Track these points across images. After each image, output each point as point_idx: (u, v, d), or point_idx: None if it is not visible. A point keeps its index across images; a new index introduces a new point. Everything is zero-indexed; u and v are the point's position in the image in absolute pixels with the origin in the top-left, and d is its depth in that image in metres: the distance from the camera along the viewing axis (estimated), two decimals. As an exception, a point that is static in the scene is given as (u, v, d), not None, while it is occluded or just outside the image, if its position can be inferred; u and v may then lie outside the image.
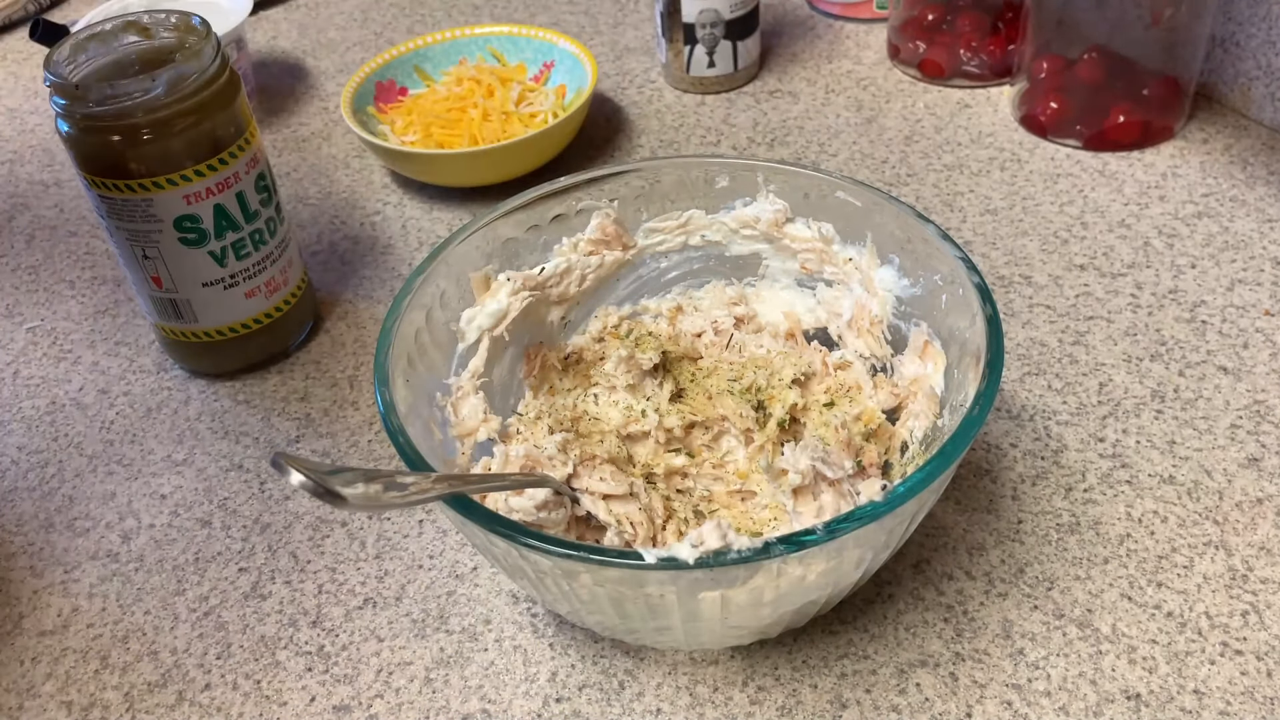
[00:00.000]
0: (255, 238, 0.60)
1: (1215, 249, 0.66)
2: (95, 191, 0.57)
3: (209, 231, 0.58)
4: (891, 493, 0.38)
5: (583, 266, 0.56)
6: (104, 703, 0.48)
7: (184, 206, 0.57)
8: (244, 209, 0.59)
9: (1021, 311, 0.63)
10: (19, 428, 0.63)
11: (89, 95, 0.54)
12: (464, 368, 0.51)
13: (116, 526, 0.56)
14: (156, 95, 0.54)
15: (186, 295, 0.60)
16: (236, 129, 0.58)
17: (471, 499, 0.40)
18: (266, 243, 0.61)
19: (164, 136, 0.55)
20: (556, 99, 0.80)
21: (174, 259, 0.58)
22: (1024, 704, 0.45)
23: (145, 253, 0.58)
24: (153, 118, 0.54)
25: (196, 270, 0.59)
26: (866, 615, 0.49)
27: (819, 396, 0.53)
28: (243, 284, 0.61)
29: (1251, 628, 0.47)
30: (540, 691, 0.47)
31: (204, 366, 0.64)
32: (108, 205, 0.57)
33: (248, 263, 0.60)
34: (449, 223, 0.75)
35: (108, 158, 0.55)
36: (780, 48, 0.91)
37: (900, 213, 0.51)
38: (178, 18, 0.59)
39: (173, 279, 0.59)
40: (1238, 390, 0.57)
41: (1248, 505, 0.52)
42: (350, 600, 0.51)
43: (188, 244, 0.58)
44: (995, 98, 0.82)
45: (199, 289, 0.60)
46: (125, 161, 0.55)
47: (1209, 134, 0.76)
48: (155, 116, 0.54)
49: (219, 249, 0.59)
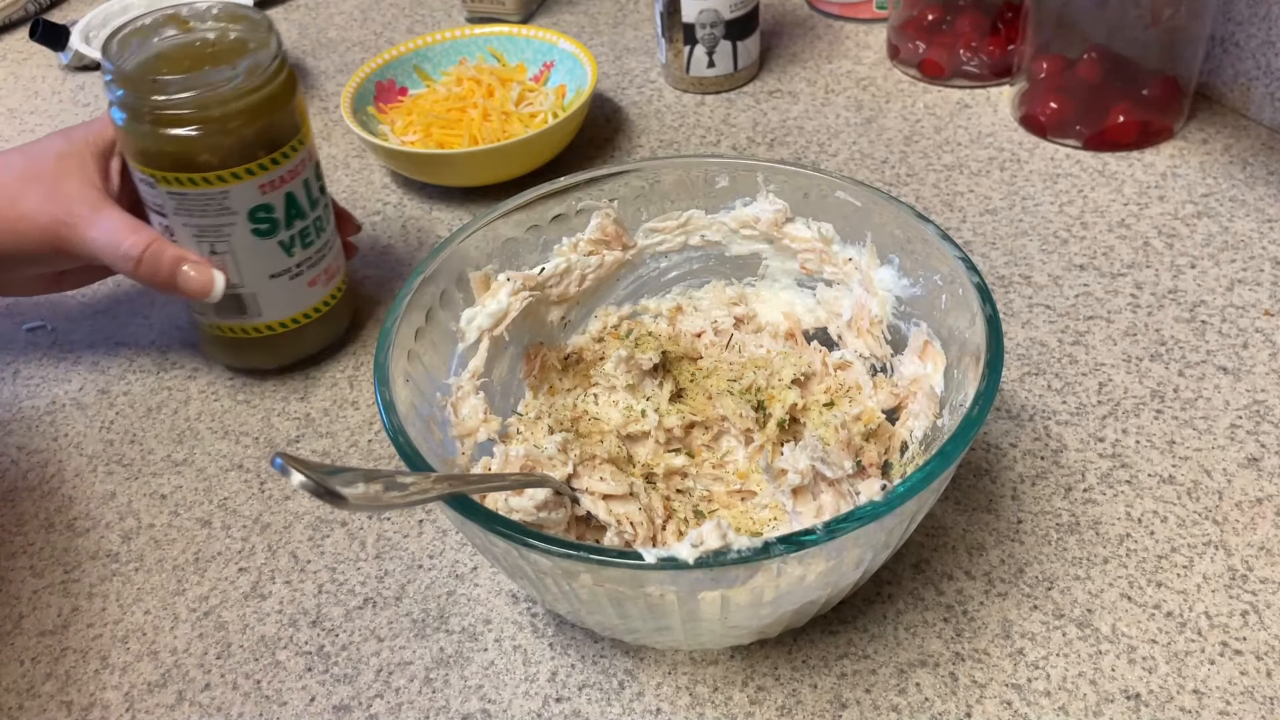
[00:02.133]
0: (317, 224, 0.60)
1: (1215, 249, 0.66)
2: (163, 188, 0.55)
3: (280, 221, 0.57)
4: (891, 493, 0.38)
5: (583, 266, 0.56)
6: (104, 703, 0.48)
7: (259, 196, 0.56)
8: (308, 195, 0.59)
9: (1021, 311, 0.63)
10: (19, 428, 0.63)
11: (166, 88, 0.53)
12: (464, 368, 0.51)
13: (116, 526, 0.56)
14: (238, 84, 0.53)
15: (254, 289, 0.59)
16: (299, 116, 0.58)
17: (471, 499, 0.40)
18: (325, 229, 0.61)
19: (245, 126, 0.54)
20: (556, 99, 0.80)
21: (245, 252, 0.58)
22: (1024, 704, 0.45)
23: (214, 248, 0.57)
24: (233, 107, 0.54)
25: (266, 262, 0.58)
26: (866, 615, 0.49)
27: (819, 396, 0.53)
28: (306, 272, 0.60)
29: (1251, 628, 0.47)
30: (540, 691, 0.47)
31: (257, 362, 0.63)
32: (176, 201, 0.55)
33: (310, 250, 0.60)
34: (449, 223, 0.75)
35: (182, 151, 0.54)
36: (780, 48, 0.91)
37: (900, 213, 0.51)
38: (219, 8, 0.58)
39: (241, 272, 0.58)
40: (1238, 390, 0.57)
41: (1247, 505, 0.52)
42: (350, 600, 0.51)
43: (260, 235, 0.57)
44: (995, 98, 0.83)
45: (266, 281, 0.59)
46: (199, 154, 0.54)
47: (1209, 134, 0.76)
48: (236, 106, 0.54)
49: (288, 238, 0.58)
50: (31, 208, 0.56)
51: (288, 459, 0.34)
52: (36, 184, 0.56)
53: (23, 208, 0.56)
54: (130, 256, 0.56)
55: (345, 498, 0.35)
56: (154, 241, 0.56)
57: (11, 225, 0.56)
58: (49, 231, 0.56)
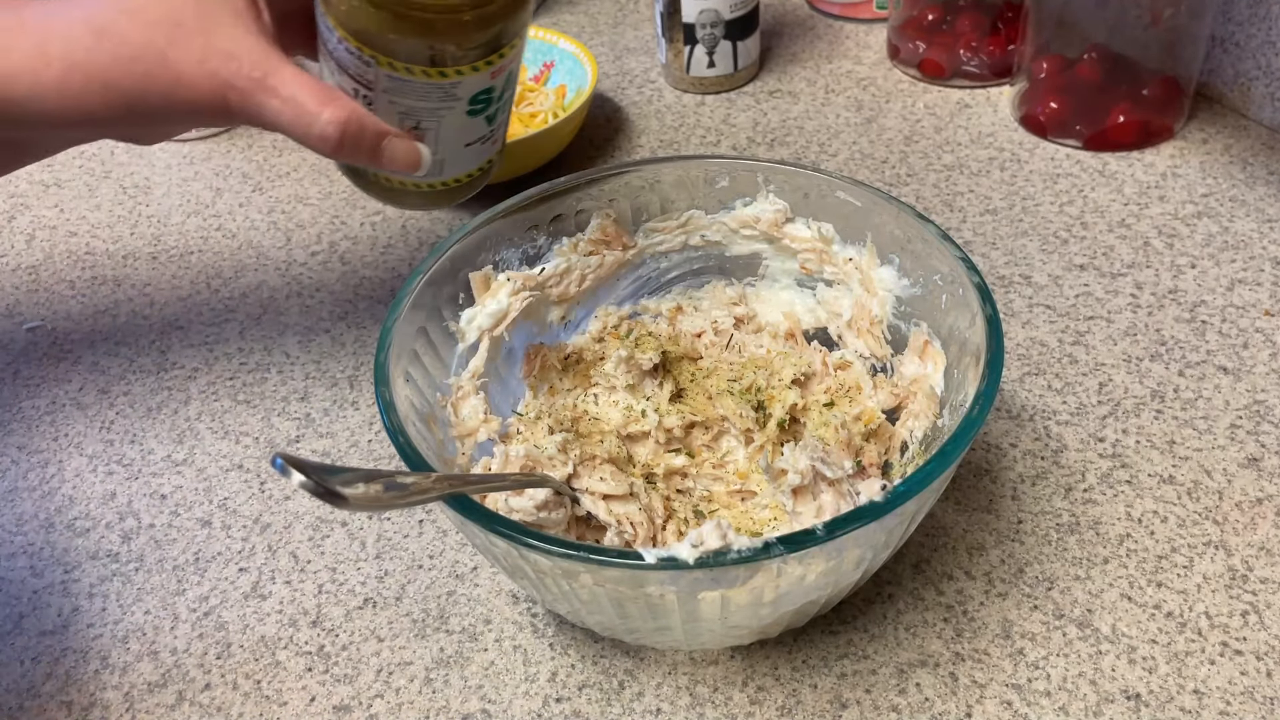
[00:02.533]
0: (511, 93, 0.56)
1: (1215, 249, 0.66)
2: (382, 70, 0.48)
3: (495, 97, 0.53)
4: (891, 493, 0.38)
5: (583, 266, 0.56)
6: (104, 703, 0.48)
7: (487, 81, 0.52)
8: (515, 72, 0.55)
9: (1021, 311, 0.63)
10: (19, 428, 0.63)
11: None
12: (464, 368, 0.51)
13: (116, 526, 0.56)
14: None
15: (446, 155, 0.54)
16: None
17: (471, 499, 0.40)
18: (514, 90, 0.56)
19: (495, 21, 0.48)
20: (556, 99, 0.80)
21: (452, 129, 0.53)
22: (1024, 704, 0.45)
23: (420, 124, 0.52)
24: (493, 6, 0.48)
25: (468, 133, 0.54)
26: (866, 615, 0.49)
27: (819, 396, 0.53)
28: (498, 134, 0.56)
29: (1251, 628, 0.47)
30: (540, 691, 0.47)
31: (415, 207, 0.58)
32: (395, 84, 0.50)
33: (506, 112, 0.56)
34: (449, 223, 0.75)
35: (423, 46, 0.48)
36: (780, 48, 0.91)
37: (900, 213, 0.51)
38: None
39: (440, 144, 0.54)
40: (1238, 390, 0.57)
41: (1248, 505, 0.52)
42: (350, 600, 0.51)
43: (472, 114, 0.53)
44: (995, 98, 0.82)
45: (462, 149, 0.55)
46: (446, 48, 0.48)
47: (1209, 134, 0.76)
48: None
49: (494, 111, 0.54)
50: (188, 69, 0.45)
51: (288, 459, 0.34)
52: (182, 35, 0.45)
53: (177, 67, 0.45)
54: (328, 137, 0.47)
55: (345, 498, 0.35)
56: (352, 115, 0.47)
57: (168, 90, 0.45)
58: (214, 97, 0.46)
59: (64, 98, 0.45)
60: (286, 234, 0.76)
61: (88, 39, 0.45)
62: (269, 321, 0.68)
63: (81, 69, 0.45)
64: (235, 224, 0.78)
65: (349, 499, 0.35)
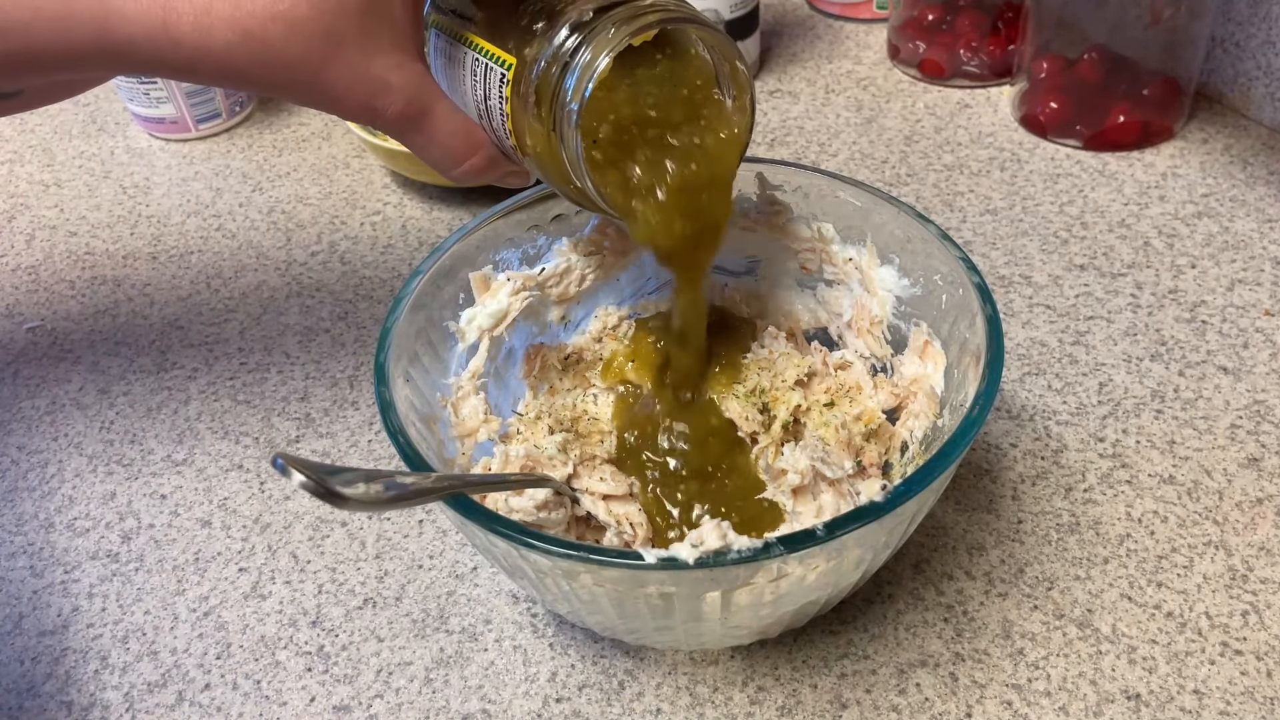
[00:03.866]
0: None
1: (1215, 249, 0.66)
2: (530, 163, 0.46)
3: None
4: (891, 493, 0.38)
5: (583, 266, 0.56)
6: (104, 703, 0.48)
7: None
8: None
9: (1021, 311, 0.63)
10: (19, 428, 0.63)
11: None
12: (464, 368, 0.51)
13: (116, 526, 0.56)
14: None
15: None
16: None
17: (471, 499, 0.40)
18: None
19: None
20: (556, 99, 0.80)
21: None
22: (1024, 704, 0.45)
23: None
24: None
25: None
26: (866, 615, 0.49)
27: (819, 397, 0.53)
28: None
29: (1251, 628, 0.47)
30: (540, 691, 0.47)
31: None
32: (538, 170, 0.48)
33: None
34: (449, 223, 0.75)
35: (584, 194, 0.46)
36: (780, 48, 0.91)
37: (900, 213, 0.51)
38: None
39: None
40: (1238, 390, 0.57)
41: (1248, 505, 0.52)
42: (350, 600, 0.51)
43: None
44: (995, 98, 0.82)
45: None
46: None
47: (1209, 134, 0.76)
48: None
49: None
50: (342, 91, 0.42)
51: (288, 459, 0.34)
52: (342, 56, 0.41)
53: (332, 90, 0.42)
54: (462, 179, 0.47)
55: (345, 498, 0.35)
56: (490, 161, 0.47)
57: (312, 100, 0.43)
58: (360, 115, 0.44)
59: (193, 75, 0.41)
60: (286, 234, 0.76)
61: (229, 34, 0.40)
62: (269, 321, 0.68)
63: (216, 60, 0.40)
64: (235, 224, 0.78)
65: (349, 499, 0.35)
